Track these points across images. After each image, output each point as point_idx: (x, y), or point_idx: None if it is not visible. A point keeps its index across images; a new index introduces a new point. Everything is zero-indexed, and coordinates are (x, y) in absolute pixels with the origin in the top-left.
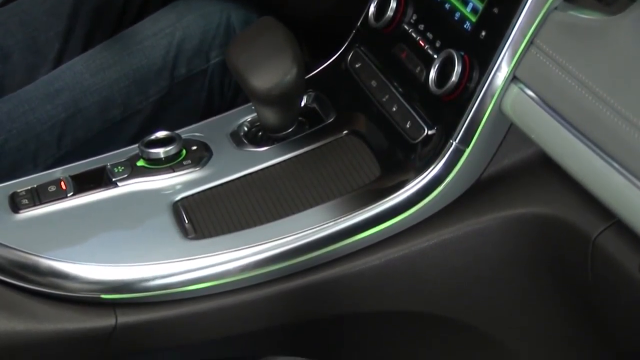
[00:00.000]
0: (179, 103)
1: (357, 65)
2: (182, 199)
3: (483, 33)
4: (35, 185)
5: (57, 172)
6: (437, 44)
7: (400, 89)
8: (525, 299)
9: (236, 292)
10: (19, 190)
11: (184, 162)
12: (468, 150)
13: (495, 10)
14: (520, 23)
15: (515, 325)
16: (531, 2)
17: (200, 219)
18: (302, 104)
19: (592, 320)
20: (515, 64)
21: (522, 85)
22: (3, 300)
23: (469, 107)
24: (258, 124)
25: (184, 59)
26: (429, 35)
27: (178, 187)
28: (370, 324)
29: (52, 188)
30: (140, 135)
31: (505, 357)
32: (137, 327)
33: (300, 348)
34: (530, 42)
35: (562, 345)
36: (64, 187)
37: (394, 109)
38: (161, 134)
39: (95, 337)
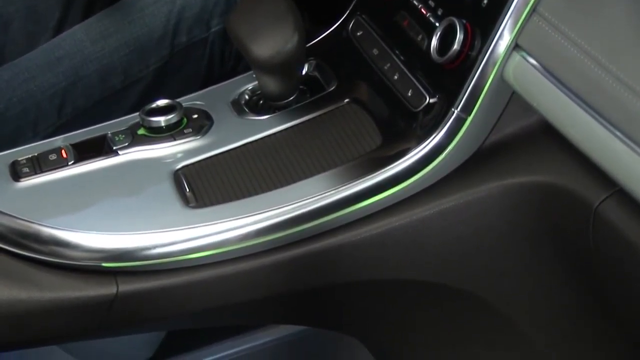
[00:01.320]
0: (179, 71)
1: (358, 34)
2: (183, 167)
3: (485, 1)
4: (35, 154)
5: (58, 140)
6: (439, 12)
7: (401, 57)
8: (526, 267)
9: (237, 261)
10: (19, 159)
11: (185, 131)
12: (470, 119)
13: None
14: None
15: (517, 294)
16: None
17: (201, 187)
18: (303, 72)
19: (594, 289)
20: (517, 32)
21: (524, 54)
22: (4, 268)
23: (471, 75)
24: (259, 92)
25: (185, 28)
26: (431, 3)
27: (179, 155)
28: (371, 293)
29: (53, 156)
30: (140, 103)
31: (507, 326)
32: (138, 295)
33: (300, 316)
34: (533, 10)
35: (563, 314)
36: (64, 155)
37: (396, 77)
38: (162, 102)
39: (96, 305)
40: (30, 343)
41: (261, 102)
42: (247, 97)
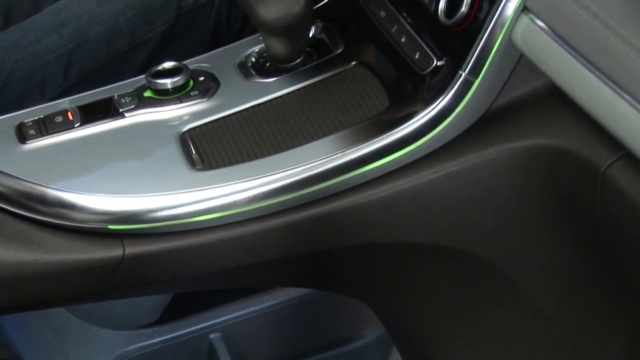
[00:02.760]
0: (186, 34)
1: None
2: (190, 129)
3: None
4: (42, 116)
5: (64, 102)
6: None
7: (409, 20)
8: (533, 230)
9: (244, 223)
10: (25, 121)
11: (192, 93)
12: (477, 82)
13: None
14: None
15: (523, 257)
16: None
17: (207, 150)
18: (310, 34)
19: (601, 252)
20: None
21: (532, 16)
22: (10, 230)
23: (479, 38)
24: (266, 54)
25: None
26: None
27: (185, 118)
28: (377, 256)
29: (59, 119)
30: (147, 66)
31: (513, 289)
32: (145, 257)
33: (307, 279)
34: None
35: (569, 277)
36: (70, 117)
37: (403, 39)
38: (168, 64)
39: (102, 267)
40: (36, 305)
41: (268, 64)
42: (253, 59)
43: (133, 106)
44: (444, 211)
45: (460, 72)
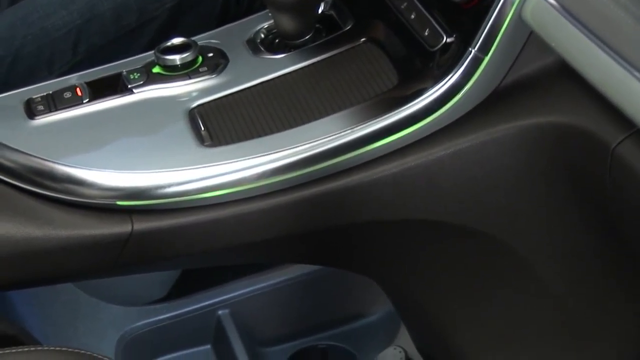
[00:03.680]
0: (195, 10)
1: None
2: (198, 106)
3: None
4: (50, 92)
5: (73, 78)
6: None
7: None
8: (542, 208)
9: (252, 200)
10: (34, 97)
11: (200, 69)
12: (487, 59)
13: None
14: None
15: (532, 235)
16: None
17: (216, 126)
18: (319, 10)
19: (610, 230)
20: None
21: None
22: (19, 206)
23: (489, 15)
24: (275, 31)
25: None
26: None
27: (194, 94)
28: (386, 233)
29: (68, 94)
30: (155, 42)
31: (521, 267)
32: (153, 234)
33: (315, 256)
34: None
35: (578, 255)
36: (79, 93)
37: (413, 16)
38: (177, 40)
39: (111, 243)
40: (45, 281)
41: (277, 41)
42: (262, 35)
43: (142, 82)
44: (453, 188)
45: (470, 49)
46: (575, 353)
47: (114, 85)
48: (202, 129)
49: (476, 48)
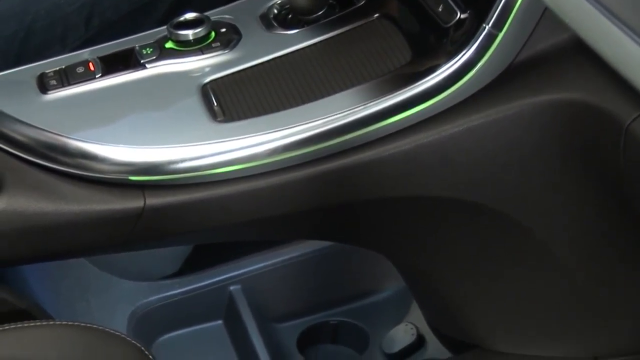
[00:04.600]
0: None
1: None
2: (211, 81)
3: None
4: (63, 67)
5: (85, 53)
6: None
7: None
8: (555, 186)
9: (265, 176)
10: (47, 71)
11: (213, 45)
12: (501, 35)
13: None
14: None
15: (544, 211)
16: None
17: (229, 101)
18: None
19: (623, 207)
20: None
21: None
22: (32, 181)
23: None
24: (288, 6)
25: None
26: None
27: (207, 69)
28: (398, 209)
29: (80, 69)
30: (168, 17)
31: (534, 244)
32: (166, 209)
33: (327, 232)
34: None
35: (591, 232)
36: (92, 68)
37: None
38: (190, 15)
39: (123, 218)
40: (57, 255)
41: (290, 16)
42: (275, 11)
43: (154, 57)
44: (465, 165)
45: (484, 25)
46: (587, 329)
47: (127, 61)
48: (215, 104)
49: (490, 24)
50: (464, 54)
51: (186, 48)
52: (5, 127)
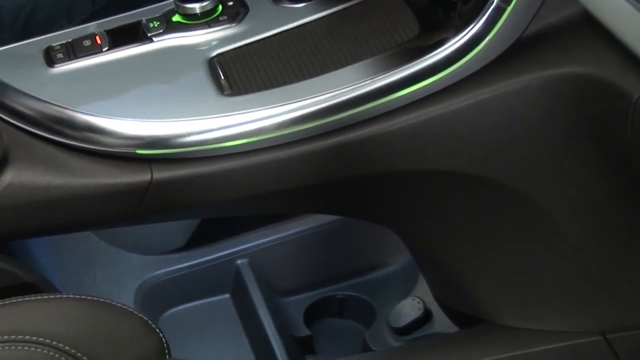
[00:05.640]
0: None
1: None
2: (218, 55)
3: None
4: (70, 40)
5: (92, 26)
6: None
7: None
8: (562, 158)
9: (272, 150)
10: (53, 45)
11: (220, 18)
12: (509, 8)
13: None
14: None
15: (552, 186)
16: None
17: (236, 75)
18: None
19: (630, 182)
20: None
21: None
22: (39, 154)
23: None
24: None
25: None
26: None
27: (214, 43)
28: (405, 184)
29: (87, 42)
30: None
31: (541, 218)
32: (173, 182)
33: (334, 206)
34: None
35: (598, 206)
36: (99, 41)
37: None
38: None
39: (130, 192)
40: (64, 229)
41: None
42: None
43: (161, 30)
44: (473, 139)
45: None
46: (594, 304)
47: (134, 34)
48: (222, 78)
49: None
50: (472, 28)
51: (193, 21)
52: (12, 101)
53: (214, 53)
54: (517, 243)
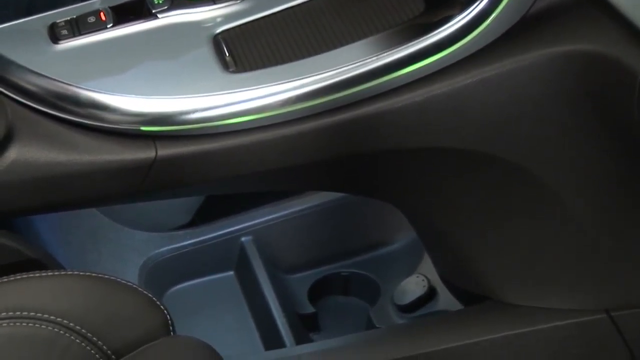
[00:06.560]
0: None
1: None
2: (223, 31)
3: None
4: (74, 16)
5: (97, 3)
6: None
7: None
8: (567, 136)
9: (276, 127)
10: (58, 21)
11: None
12: None
13: None
14: None
15: (557, 163)
16: None
17: (241, 52)
18: None
19: (635, 159)
20: None
21: None
22: (43, 131)
23: None
24: None
25: None
26: None
27: (219, 19)
28: (410, 161)
29: (92, 19)
30: None
31: (545, 195)
32: (177, 159)
33: (339, 183)
34: None
35: (603, 184)
36: (103, 18)
37: None
38: None
39: (135, 169)
40: (69, 206)
41: None
42: None
43: (166, 7)
44: (478, 116)
45: None
46: (598, 281)
47: (138, 10)
48: (227, 54)
49: None
50: (478, 4)
51: None
52: (17, 77)
53: (219, 30)
54: (522, 220)
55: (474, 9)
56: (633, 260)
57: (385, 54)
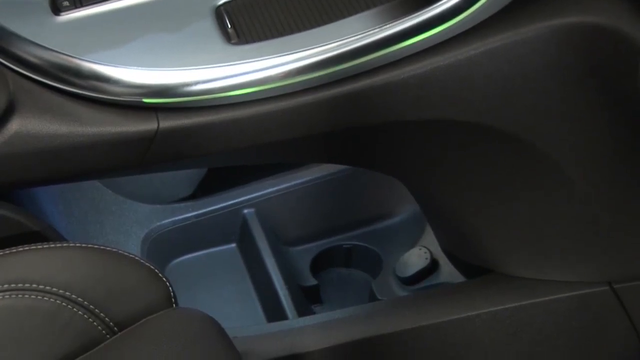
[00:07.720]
0: None
1: None
2: (225, 3)
3: None
4: None
5: None
6: None
7: None
8: (571, 109)
9: (279, 99)
10: None
11: None
12: None
13: None
14: None
15: (561, 136)
16: None
17: (243, 24)
18: None
19: (638, 131)
20: None
21: None
22: (45, 103)
23: None
24: None
25: None
26: None
27: None
28: (413, 133)
29: None
30: None
31: (548, 169)
32: (179, 131)
33: (341, 155)
34: None
35: (605, 156)
36: None
37: None
38: None
39: (137, 141)
40: (71, 177)
41: None
42: None
43: None
44: (482, 88)
45: None
46: (601, 254)
47: None
48: (229, 26)
49: None
50: None
51: None
52: (18, 49)
53: (221, 1)
54: (524, 193)
55: None
56: (636, 232)
57: (389, 25)
